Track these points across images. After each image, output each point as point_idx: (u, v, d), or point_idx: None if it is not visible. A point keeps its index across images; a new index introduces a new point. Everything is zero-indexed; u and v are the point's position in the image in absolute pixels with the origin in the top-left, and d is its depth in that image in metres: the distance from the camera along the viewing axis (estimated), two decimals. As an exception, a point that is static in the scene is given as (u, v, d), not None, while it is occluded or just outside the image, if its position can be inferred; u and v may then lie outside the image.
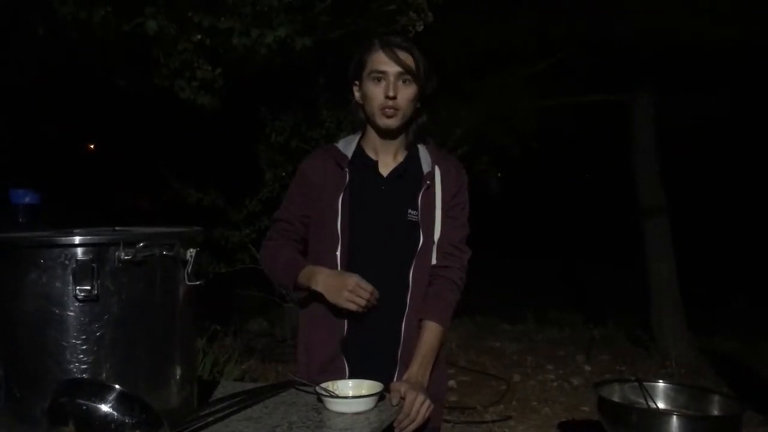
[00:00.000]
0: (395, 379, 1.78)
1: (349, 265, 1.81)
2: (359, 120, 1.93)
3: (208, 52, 3.77)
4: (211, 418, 1.42)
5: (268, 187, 5.02)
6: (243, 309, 6.39)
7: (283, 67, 4.12)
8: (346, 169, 1.86)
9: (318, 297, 1.83)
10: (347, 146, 1.93)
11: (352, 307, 1.72)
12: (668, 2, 5.34)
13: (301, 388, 1.68)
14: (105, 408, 1.08)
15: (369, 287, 1.72)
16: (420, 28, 4.19)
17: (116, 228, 1.44)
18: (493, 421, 4.47)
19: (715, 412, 2.74)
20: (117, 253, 1.26)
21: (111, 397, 1.09)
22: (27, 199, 1.63)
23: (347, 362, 1.80)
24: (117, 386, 1.11)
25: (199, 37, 3.56)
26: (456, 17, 5.15)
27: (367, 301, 1.72)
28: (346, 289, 1.71)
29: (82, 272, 1.24)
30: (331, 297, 1.74)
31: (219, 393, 1.64)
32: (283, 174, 4.95)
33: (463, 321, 6.82)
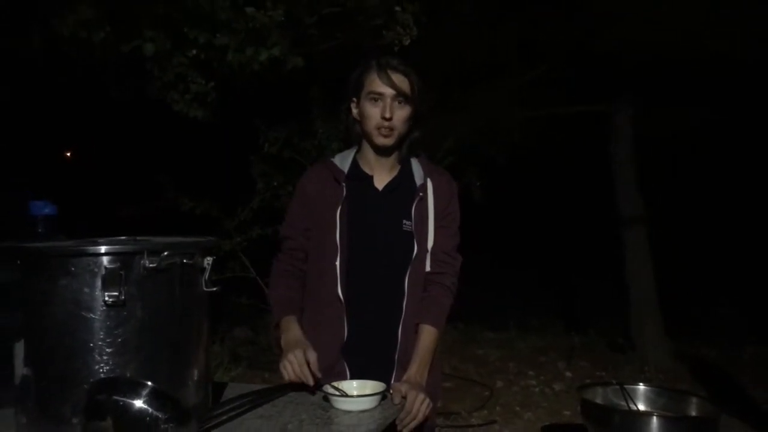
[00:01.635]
0: (392, 380, 1.88)
1: (348, 274, 1.91)
2: (356, 135, 2.04)
3: (203, 66, 3.86)
4: (225, 417, 1.51)
5: (260, 196, 5.09)
6: (228, 316, 6.44)
7: (276, 80, 4.22)
8: (343, 184, 1.96)
9: (318, 306, 1.94)
10: (343, 161, 2.03)
11: (284, 375, 1.76)
12: (649, 16, 5.50)
13: (308, 388, 1.77)
14: (139, 404, 1.17)
15: (303, 368, 1.73)
16: (407, 43, 4.30)
17: (137, 238, 1.53)
18: (479, 425, 4.58)
19: (694, 414, 2.87)
20: (142, 262, 1.35)
21: (145, 393, 1.18)
22: (46, 211, 1.72)
23: (348, 365, 1.90)
24: (150, 383, 1.20)
25: (194, 52, 3.65)
26: (442, 30, 5.27)
27: (297, 376, 1.74)
28: (287, 357, 1.77)
29: (111, 279, 1.32)
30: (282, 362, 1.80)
31: (229, 394, 1.73)
32: (275, 184, 5.03)
33: (447, 328, 6.89)
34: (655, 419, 2.64)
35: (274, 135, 4.98)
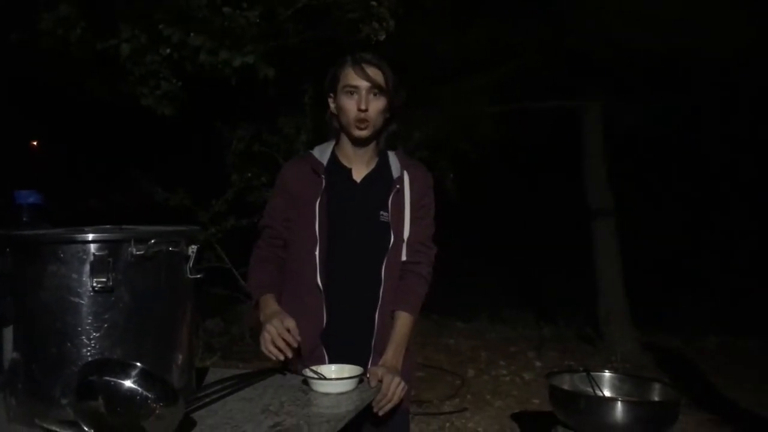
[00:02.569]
0: (369, 365, 1.95)
1: (327, 263, 1.97)
2: (334, 129, 2.10)
3: (175, 65, 3.88)
4: (208, 399, 1.57)
5: (234, 187, 5.12)
6: (202, 307, 6.45)
7: (246, 85, 4.26)
8: (323, 176, 2.02)
9: (298, 293, 2.00)
10: (323, 154, 2.09)
11: (263, 346, 1.81)
12: (620, 11, 5.61)
13: (288, 371, 1.84)
14: (129, 384, 1.22)
15: (285, 335, 1.78)
16: (382, 38, 4.36)
17: (123, 226, 1.57)
18: (450, 413, 4.68)
19: (656, 398, 2.99)
20: (129, 249, 1.40)
21: (134, 374, 1.23)
22: (31, 200, 1.76)
23: (326, 351, 1.97)
24: (139, 364, 1.25)
25: (168, 50, 3.67)
26: (417, 25, 5.33)
27: (283, 348, 1.78)
28: (265, 329, 1.82)
29: (99, 266, 1.37)
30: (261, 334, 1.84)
31: (211, 378, 1.79)
32: (249, 174, 5.07)
33: (420, 319, 6.98)
34: (619, 404, 2.75)
35: (241, 132, 5.01)
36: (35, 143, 13.08)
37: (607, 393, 3.07)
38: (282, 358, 1.79)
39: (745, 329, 6.78)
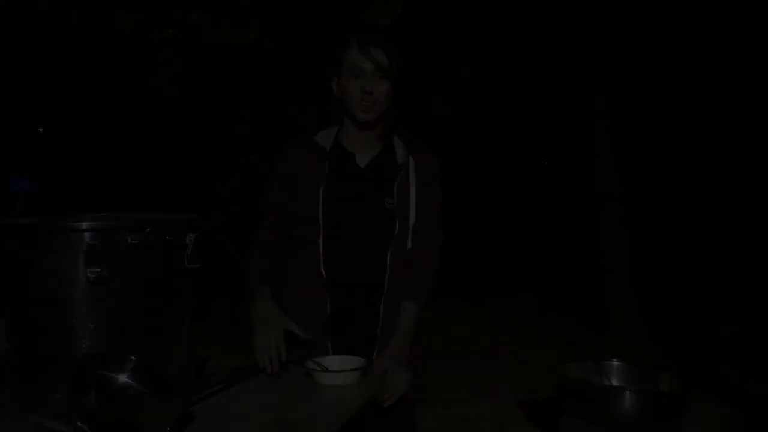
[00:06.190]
0: (375, 356, 1.90)
1: (331, 252, 1.92)
2: (338, 112, 2.03)
3: (178, 45, 3.82)
4: (208, 392, 1.52)
5: (238, 173, 5.07)
6: (207, 295, 6.41)
7: (251, 62, 4.20)
8: (326, 162, 1.96)
9: (301, 283, 1.94)
10: (326, 139, 2.03)
11: (260, 361, 1.75)
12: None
13: (290, 363, 1.79)
14: (124, 378, 1.18)
15: (278, 349, 1.74)
16: (387, 22, 4.29)
17: (119, 214, 1.52)
18: (455, 400, 4.64)
19: (665, 388, 2.94)
20: (125, 238, 1.35)
21: (129, 368, 1.19)
22: (24, 186, 1.71)
23: (331, 342, 1.92)
24: (134, 358, 1.21)
25: (170, 31, 3.62)
26: (423, 9, 5.27)
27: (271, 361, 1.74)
28: (259, 343, 1.77)
29: (93, 255, 1.32)
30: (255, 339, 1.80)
31: (211, 370, 1.74)
32: (251, 159, 5.02)
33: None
34: (628, 394, 2.70)
35: (246, 114, 4.94)
36: (41, 129, 13.05)
37: (615, 383, 3.02)
38: (275, 369, 1.73)
39: (755, 317, 6.73)
